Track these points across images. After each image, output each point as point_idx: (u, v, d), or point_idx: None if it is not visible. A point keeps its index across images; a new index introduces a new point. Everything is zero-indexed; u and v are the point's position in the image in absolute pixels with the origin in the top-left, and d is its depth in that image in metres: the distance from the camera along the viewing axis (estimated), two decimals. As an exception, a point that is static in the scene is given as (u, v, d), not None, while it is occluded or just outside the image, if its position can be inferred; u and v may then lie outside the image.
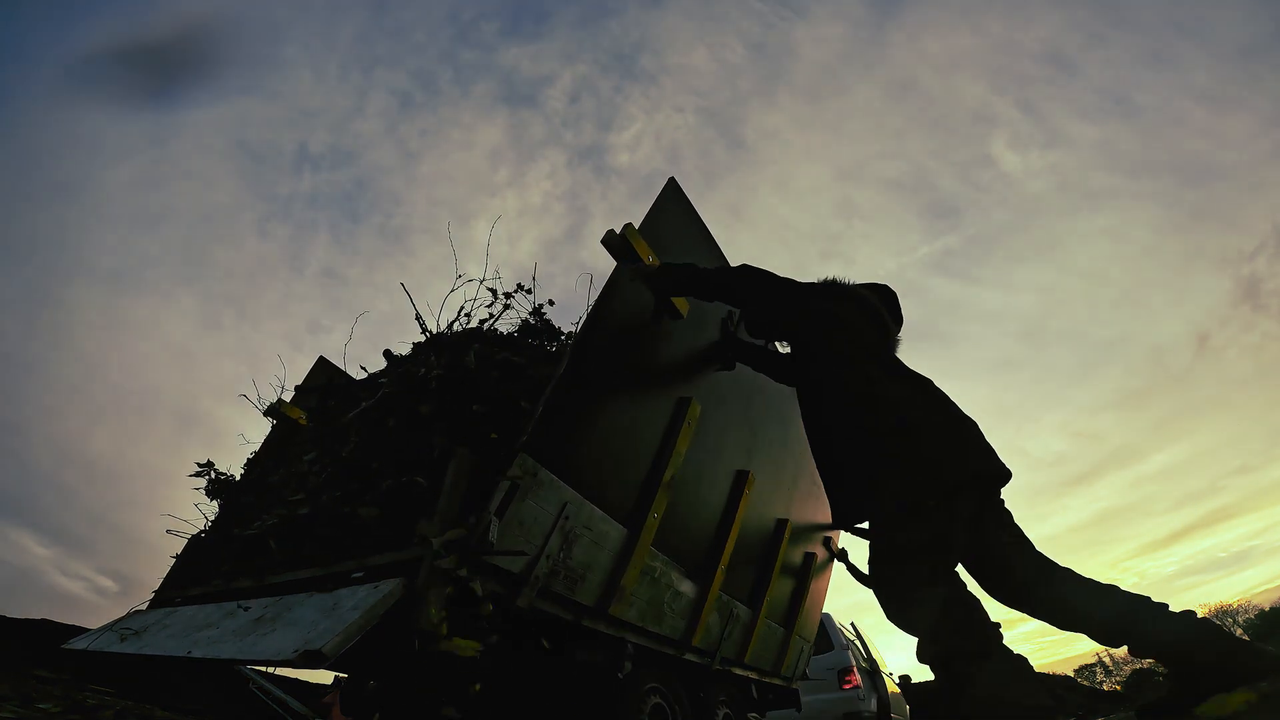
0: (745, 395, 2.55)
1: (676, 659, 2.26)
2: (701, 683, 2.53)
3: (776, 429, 2.82)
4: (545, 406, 1.57)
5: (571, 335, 2.41)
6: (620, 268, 1.88)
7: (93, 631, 2.06)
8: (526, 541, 1.52)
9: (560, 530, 1.61)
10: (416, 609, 1.34)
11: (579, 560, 1.70)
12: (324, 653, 1.14)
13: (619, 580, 1.84)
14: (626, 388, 1.92)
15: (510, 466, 1.47)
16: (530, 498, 1.53)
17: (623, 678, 1.93)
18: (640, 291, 1.95)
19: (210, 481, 2.37)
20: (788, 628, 3.18)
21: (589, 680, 1.96)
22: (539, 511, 1.56)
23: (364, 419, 2.02)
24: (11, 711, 1.75)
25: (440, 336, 2.16)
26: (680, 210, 2.22)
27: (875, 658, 6.31)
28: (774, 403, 2.75)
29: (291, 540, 1.86)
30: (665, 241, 2.04)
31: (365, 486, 1.79)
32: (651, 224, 1.99)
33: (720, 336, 2.39)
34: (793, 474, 3.03)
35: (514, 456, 1.49)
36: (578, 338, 1.78)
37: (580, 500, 1.69)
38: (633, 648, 1.97)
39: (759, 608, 2.76)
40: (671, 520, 2.05)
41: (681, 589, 2.19)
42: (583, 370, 1.70)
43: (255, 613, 1.55)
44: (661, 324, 2.04)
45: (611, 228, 1.86)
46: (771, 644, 3.03)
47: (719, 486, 2.42)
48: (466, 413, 1.78)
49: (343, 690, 2.80)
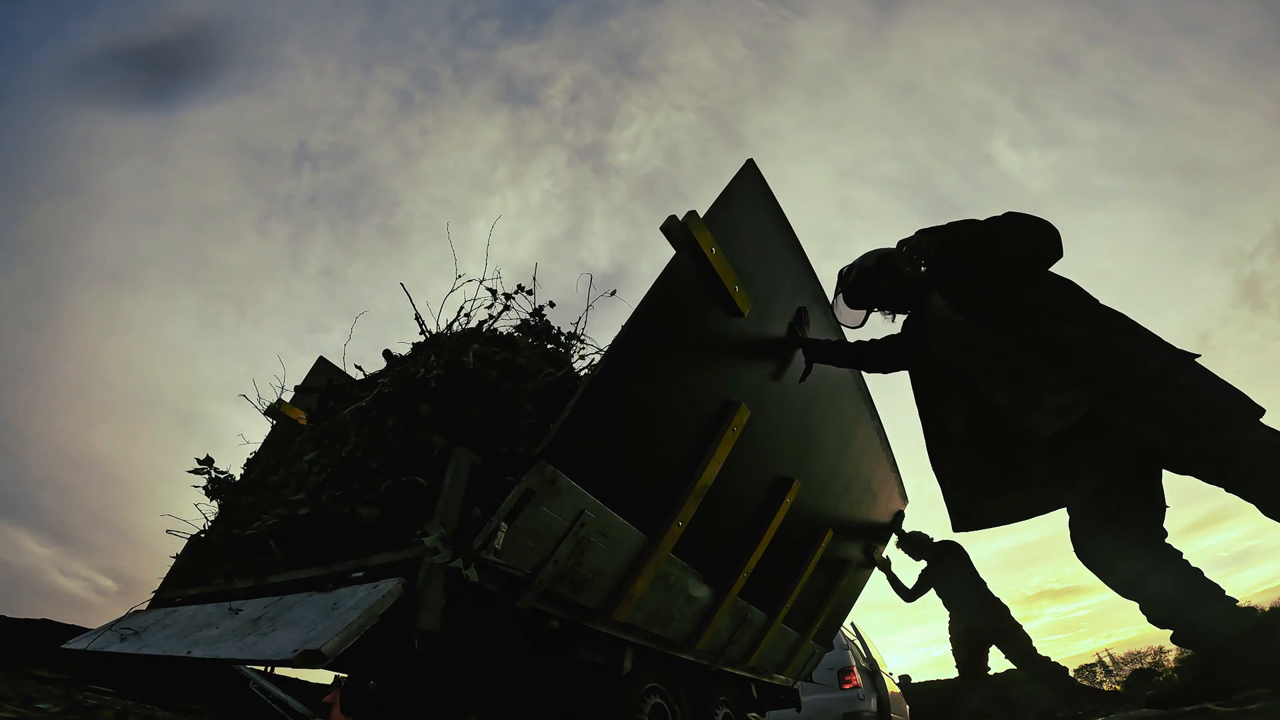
0: (803, 401, 2.38)
1: (678, 659, 2.26)
2: (702, 682, 2.53)
3: (833, 437, 2.66)
4: (573, 411, 1.50)
5: (572, 335, 2.40)
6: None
7: (92, 631, 2.05)
8: (536, 546, 1.49)
9: (573, 537, 1.56)
10: (416, 609, 1.34)
11: (589, 565, 1.66)
12: (324, 652, 1.14)
13: (629, 587, 1.80)
14: (668, 391, 1.78)
15: (528, 473, 1.42)
16: (545, 504, 1.48)
17: (623, 676, 1.93)
18: (694, 287, 1.74)
19: (210, 480, 2.37)
20: (803, 632, 3.13)
21: (589, 678, 1.96)
22: (553, 518, 1.51)
23: (364, 419, 2.02)
24: (11, 711, 1.75)
25: (440, 336, 2.15)
26: (757, 197, 1.98)
27: (875, 658, 6.31)
28: (832, 409, 2.58)
29: (291, 540, 1.86)
30: (736, 233, 1.83)
31: (365, 486, 1.78)
32: (722, 211, 1.78)
33: (792, 340, 2.22)
34: (845, 482, 2.91)
35: (533, 463, 1.44)
36: (620, 338, 1.62)
37: (600, 507, 1.62)
38: (634, 648, 1.97)
39: (777, 614, 2.69)
40: (699, 526, 1.95)
41: (696, 594, 2.14)
42: (621, 372, 1.59)
43: (255, 612, 1.55)
44: (716, 323, 1.87)
45: (674, 213, 1.65)
46: (781, 647, 2.99)
47: (756, 494, 2.29)
48: (466, 413, 1.78)
49: (343, 690, 2.80)
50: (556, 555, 1.54)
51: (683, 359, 1.80)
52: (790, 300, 2.23)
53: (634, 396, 1.68)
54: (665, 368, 1.75)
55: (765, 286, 2.04)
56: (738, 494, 2.16)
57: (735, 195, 1.85)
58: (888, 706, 5.66)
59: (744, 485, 2.18)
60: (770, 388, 2.16)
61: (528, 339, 2.22)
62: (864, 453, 3.00)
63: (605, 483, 1.62)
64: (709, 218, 1.71)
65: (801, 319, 2.25)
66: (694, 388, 1.87)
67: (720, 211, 1.77)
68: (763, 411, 2.09)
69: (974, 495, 1.76)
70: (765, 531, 2.31)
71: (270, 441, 2.58)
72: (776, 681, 3.22)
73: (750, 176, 1.92)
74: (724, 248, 1.75)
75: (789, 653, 3.11)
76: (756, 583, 2.42)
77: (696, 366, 1.86)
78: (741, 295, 1.86)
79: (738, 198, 1.87)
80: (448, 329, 2.18)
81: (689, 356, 1.82)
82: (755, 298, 1.94)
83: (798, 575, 2.74)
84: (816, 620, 3.20)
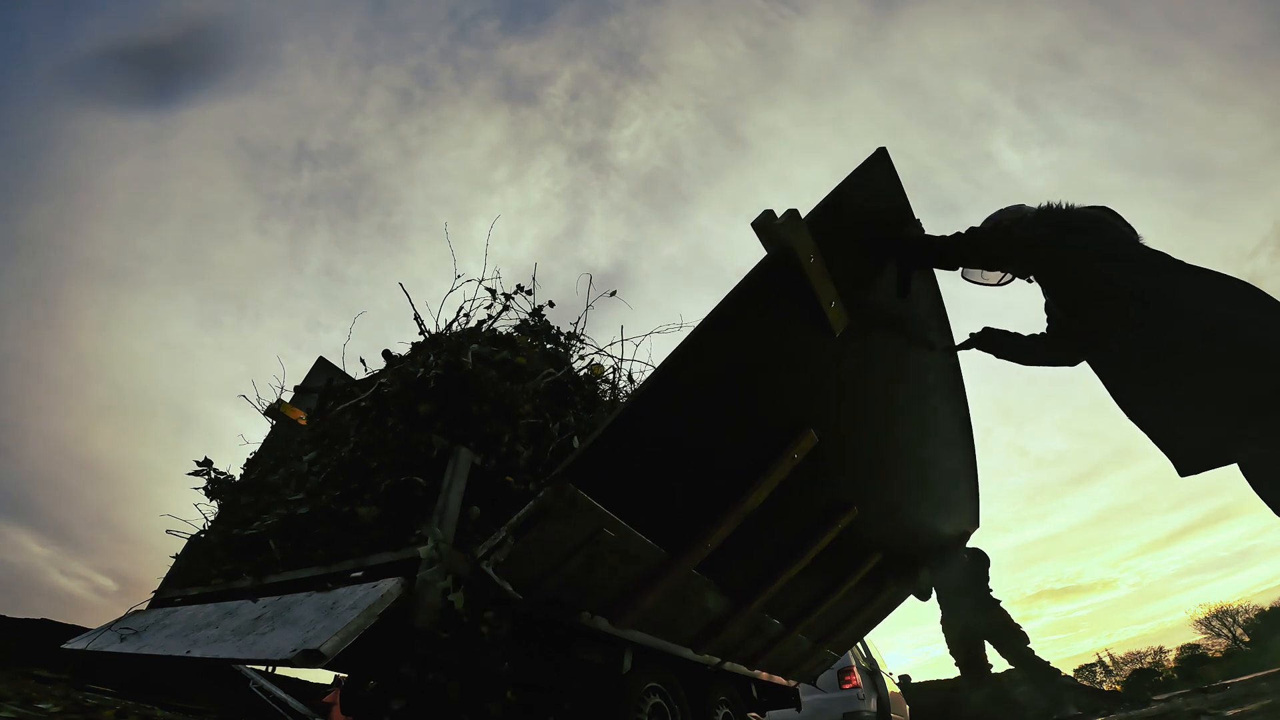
0: (879, 428, 2.12)
1: (679, 659, 2.26)
2: (703, 682, 2.52)
3: (912, 461, 2.40)
4: (606, 432, 1.40)
5: (571, 335, 2.41)
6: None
7: (92, 631, 2.06)
8: (545, 559, 1.45)
9: (585, 553, 1.50)
10: (415, 609, 1.34)
11: (600, 578, 1.60)
12: (323, 652, 1.15)
13: (639, 600, 1.73)
14: (725, 410, 1.56)
15: (546, 489, 1.37)
16: (561, 520, 1.40)
17: (622, 676, 1.93)
18: (780, 300, 1.46)
19: (209, 481, 2.37)
20: (820, 642, 3.03)
21: (589, 678, 1.96)
22: (567, 534, 1.45)
23: (363, 419, 2.02)
24: (11, 711, 1.75)
25: (439, 336, 2.16)
26: (884, 195, 1.67)
27: (875, 657, 6.31)
28: (919, 431, 2.33)
29: (291, 540, 1.86)
30: (847, 237, 1.54)
31: (365, 486, 1.79)
32: (834, 211, 1.46)
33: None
34: (913, 506, 2.67)
35: (553, 480, 1.37)
36: (679, 351, 1.40)
37: (620, 525, 1.51)
38: (634, 648, 1.97)
39: (795, 627, 2.60)
40: (732, 545, 1.78)
41: (710, 605, 2.06)
42: (670, 390, 1.42)
43: (254, 612, 1.55)
44: (799, 341, 1.59)
45: (770, 209, 1.35)
46: (792, 654, 2.91)
47: (806, 517, 2.09)
48: (466, 413, 1.78)
49: (343, 690, 2.80)
50: (566, 569, 1.50)
51: (749, 378, 1.54)
52: (904, 320, 1.91)
53: (683, 415, 1.49)
54: (726, 385, 1.51)
55: (871, 303, 1.71)
56: (785, 515, 1.95)
57: (855, 191, 1.52)
58: (887, 706, 5.66)
59: (794, 507, 1.96)
60: (847, 411, 1.89)
61: (527, 339, 2.22)
62: (943, 477, 2.68)
63: (632, 502, 1.51)
64: (814, 218, 1.39)
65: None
66: (758, 409, 1.63)
67: (831, 210, 1.44)
68: (833, 436, 1.81)
69: (1199, 441, 1.58)
70: (806, 552, 2.10)
71: (270, 441, 2.58)
72: (778, 682, 3.21)
73: (879, 168, 1.59)
74: (828, 253, 1.43)
75: (801, 658, 3.02)
76: (783, 597, 2.28)
77: (765, 386, 1.60)
78: (837, 312, 1.53)
79: (858, 194, 1.54)
80: (447, 329, 2.18)
81: (758, 375, 1.56)
82: (855, 315, 1.59)
83: (830, 594, 2.56)
84: (838, 634, 3.06)
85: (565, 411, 2.06)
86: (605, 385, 2.48)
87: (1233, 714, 1.62)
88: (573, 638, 1.83)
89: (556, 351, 2.28)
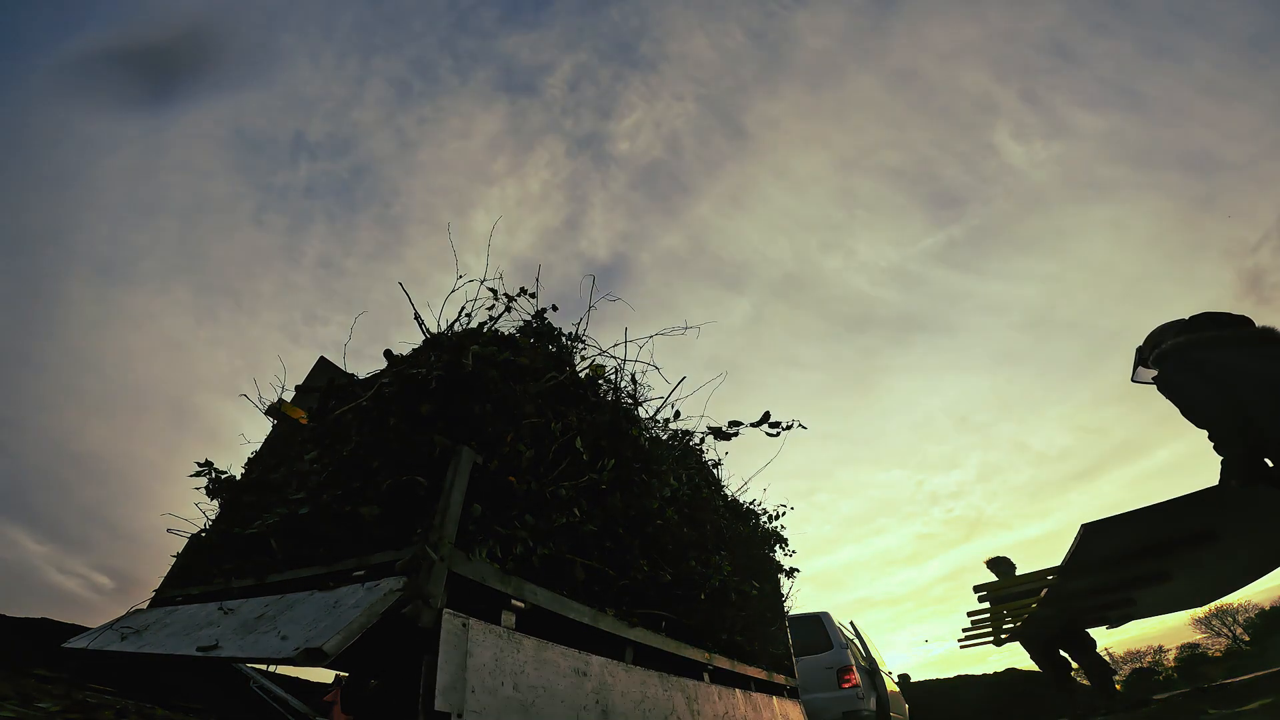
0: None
1: (680, 659, 2.25)
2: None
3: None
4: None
5: (573, 336, 2.40)
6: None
7: (93, 630, 2.06)
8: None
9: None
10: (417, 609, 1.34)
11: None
12: (326, 650, 1.14)
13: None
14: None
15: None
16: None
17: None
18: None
19: (210, 481, 2.37)
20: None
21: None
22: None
23: (365, 418, 2.02)
24: (11, 711, 1.75)
25: (440, 337, 2.15)
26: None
27: (874, 657, 6.31)
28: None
29: (293, 539, 1.86)
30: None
31: (366, 485, 1.78)
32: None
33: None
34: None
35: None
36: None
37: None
38: (634, 647, 1.97)
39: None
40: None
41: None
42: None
43: (256, 611, 1.55)
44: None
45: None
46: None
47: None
48: (467, 413, 1.77)
49: (343, 689, 2.79)
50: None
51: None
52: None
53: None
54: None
55: None
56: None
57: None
58: (887, 705, 5.67)
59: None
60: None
61: (529, 340, 2.22)
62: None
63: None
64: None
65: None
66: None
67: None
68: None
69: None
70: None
71: (271, 440, 2.58)
72: (778, 681, 3.21)
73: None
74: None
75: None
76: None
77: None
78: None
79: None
80: (449, 329, 2.18)
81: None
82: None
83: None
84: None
85: (568, 412, 2.06)
86: (606, 385, 2.47)
87: (1233, 713, 1.61)
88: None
89: (559, 354, 2.28)
